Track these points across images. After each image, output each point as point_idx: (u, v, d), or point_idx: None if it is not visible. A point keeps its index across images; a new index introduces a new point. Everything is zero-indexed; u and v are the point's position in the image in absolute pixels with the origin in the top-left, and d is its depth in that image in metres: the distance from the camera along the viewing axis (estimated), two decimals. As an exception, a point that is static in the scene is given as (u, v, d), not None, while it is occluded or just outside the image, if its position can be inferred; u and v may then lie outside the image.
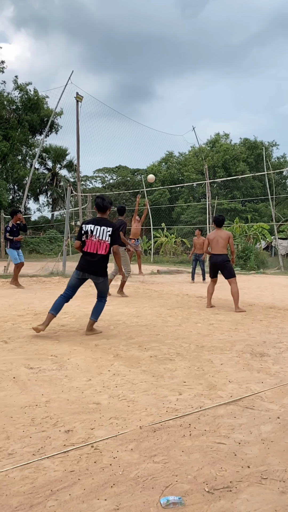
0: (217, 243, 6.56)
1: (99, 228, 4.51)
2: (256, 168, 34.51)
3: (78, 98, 14.13)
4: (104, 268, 4.54)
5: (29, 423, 2.30)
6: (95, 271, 4.49)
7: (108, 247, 4.50)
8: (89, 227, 4.54)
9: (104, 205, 4.65)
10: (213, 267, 6.71)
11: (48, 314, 4.51)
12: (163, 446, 2.06)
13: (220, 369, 3.38)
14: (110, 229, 4.53)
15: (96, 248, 4.48)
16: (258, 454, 2.01)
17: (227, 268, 6.55)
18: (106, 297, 4.76)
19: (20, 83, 27.75)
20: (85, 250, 4.53)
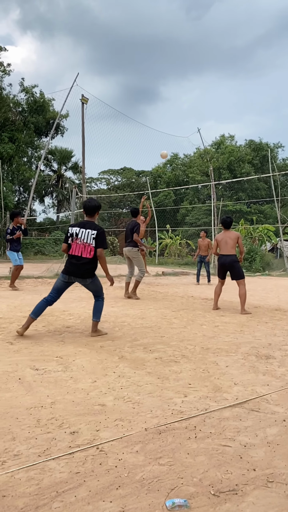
0: (226, 244, 6.51)
1: (84, 231, 4.48)
2: (262, 169, 34.43)
3: (83, 100, 14.17)
4: (90, 270, 4.48)
5: (34, 424, 2.31)
6: (81, 274, 4.44)
7: (93, 250, 4.44)
8: (75, 230, 4.52)
9: (91, 208, 4.61)
10: (222, 268, 6.66)
11: (28, 317, 4.48)
12: (169, 449, 2.06)
13: (226, 371, 3.37)
14: (95, 232, 4.46)
15: (81, 251, 4.44)
16: (264, 457, 2.00)
17: (236, 268, 6.50)
18: (102, 295, 4.73)
19: (26, 86, 27.93)
20: (70, 253, 4.51)
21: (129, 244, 7.74)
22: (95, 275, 4.59)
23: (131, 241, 7.70)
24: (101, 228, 4.56)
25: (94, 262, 4.52)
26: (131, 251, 7.72)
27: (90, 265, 4.47)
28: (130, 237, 7.73)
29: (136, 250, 7.67)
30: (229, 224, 6.68)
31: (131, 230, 7.73)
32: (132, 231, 7.70)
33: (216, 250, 6.76)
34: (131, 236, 7.72)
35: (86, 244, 4.45)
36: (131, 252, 7.73)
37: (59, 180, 35.25)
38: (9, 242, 8.85)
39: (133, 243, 7.68)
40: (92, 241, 4.44)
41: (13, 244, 8.86)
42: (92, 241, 4.44)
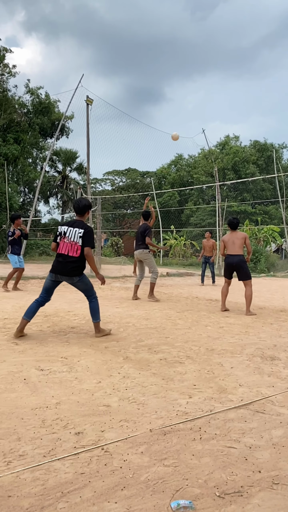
0: (233, 244, 6.47)
1: (72, 230, 4.46)
2: (267, 170, 34.34)
3: (88, 101, 14.20)
4: (76, 268, 4.43)
5: (39, 424, 2.31)
6: (67, 272, 4.41)
7: (79, 249, 4.41)
8: (63, 229, 4.52)
9: (80, 207, 4.59)
10: (229, 268, 6.61)
11: (22, 319, 4.47)
12: (174, 450, 2.06)
13: (231, 372, 3.36)
14: (82, 230, 4.43)
15: (68, 249, 4.42)
16: (269, 459, 1.99)
17: (244, 268, 6.45)
18: (94, 294, 4.68)
19: (31, 87, 28.04)
20: (58, 252, 4.50)
21: (140, 247, 7.70)
22: (83, 274, 4.54)
23: (142, 243, 7.67)
24: (89, 227, 4.52)
25: (81, 261, 4.47)
26: (142, 253, 7.68)
27: (76, 263, 4.42)
28: (141, 240, 7.68)
29: (147, 251, 7.63)
30: (235, 225, 6.64)
31: (142, 233, 7.69)
32: (144, 234, 7.66)
33: (223, 252, 6.71)
34: (142, 239, 7.67)
35: (73, 242, 4.42)
36: (142, 254, 7.68)
37: (64, 181, 35.33)
38: (11, 245, 8.86)
39: (144, 245, 7.64)
40: (79, 239, 4.41)
41: (14, 247, 8.86)
42: (79, 240, 4.41)
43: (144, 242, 7.65)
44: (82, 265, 4.51)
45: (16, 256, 8.87)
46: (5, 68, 26.85)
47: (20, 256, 9.06)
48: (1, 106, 25.92)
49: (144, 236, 7.65)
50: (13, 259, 8.85)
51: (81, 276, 4.52)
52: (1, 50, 26.84)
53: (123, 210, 39.21)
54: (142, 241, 7.68)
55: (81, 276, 4.52)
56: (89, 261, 4.50)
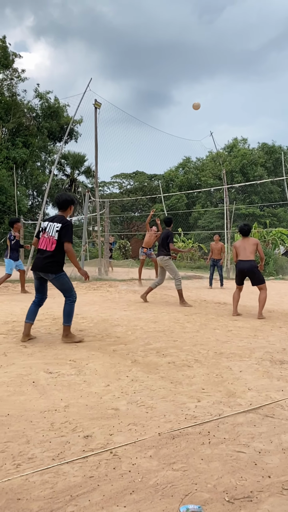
0: (244, 250, 6.42)
1: (51, 225, 4.41)
2: (275, 172, 34.18)
3: (96, 105, 14.26)
4: (51, 264, 4.32)
5: (48, 427, 2.32)
6: (42, 268, 4.33)
7: (55, 243, 4.32)
8: (44, 224, 4.48)
9: (61, 202, 4.53)
10: (240, 274, 6.54)
11: (25, 323, 4.47)
12: (182, 454, 2.05)
13: (239, 376, 3.34)
14: (59, 225, 4.34)
15: (46, 244, 4.37)
16: (279, 464, 1.97)
17: (256, 274, 6.38)
18: (71, 297, 4.49)
19: (40, 92, 28.28)
20: (38, 247, 4.46)
21: (161, 253, 7.66)
22: (60, 272, 4.40)
23: (163, 250, 7.62)
24: (67, 221, 4.43)
25: (56, 256, 4.34)
26: (162, 259, 7.63)
27: (51, 258, 4.32)
28: (162, 246, 7.63)
29: (168, 258, 7.58)
30: (246, 232, 6.56)
31: (164, 239, 7.63)
32: (166, 240, 7.60)
33: (236, 258, 6.61)
34: (164, 244, 7.61)
35: (51, 237, 4.36)
36: (163, 261, 7.63)
37: (72, 184, 35.51)
38: (11, 249, 8.89)
39: (164, 252, 7.59)
40: (55, 234, 4.34)
41: (13, 253, 8.90)
42: (55, 234, 4.34)
43: (165, 249, 7.59)
44: (58, 261, 4.37)
45: (13, 261, 8.90)
46: (14, 72, 27.11)
47: (19, 261, 9.12)
48: (10, 110, 26.17)
49: (165, 243, 7.58)
50: (10, 264, 8.87)
51: (57, 274, 4.36)
52: (10, 55, 27.11)
53: (130, 213, 39.27)
54: (163, 248, 7.63)
55: (57, 274, 4.36)
56: (69, 256, 4.40)
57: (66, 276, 4.48)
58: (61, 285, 4.43)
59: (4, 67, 26.73)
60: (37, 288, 4.56)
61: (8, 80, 27.32)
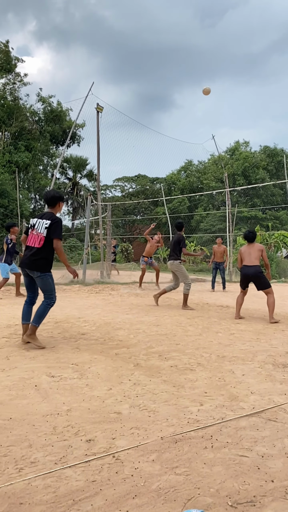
0: (249, 255, 6.41)
1: (40, 222, 4.37)
2: (277, 175, 34.18)
3: (98, 109, 14.33)
4: (37, 261, 4.28)
5: (51, 431, 2.32)
6: (28, 264, 4.29)
7: (43, 240, 4.28)
8: (33, 221, 4.45)
9: (49, 198, 4.49)
10: (245, 279, 6.52)
11: (22, 325, 4.48)
12: (185, 458, 2.04)
13: (242, 380, 3.33)
14: (48, 222, 4.30)
15: (34, 241, 4.34)
16: (282, 468, 1.96)
17: (261, 279, 6.36)
18: (50, 299, 4.42)
19: (43, 96, 28.42)
20: (26, 244, 4.44)
21: (171, 258, 7.66)
22: (47, 273, 4.35)
23: (173, 254, 7.61)
24: (56, 218, 4.38)
25: (43, 253, 4.31)
26: (173, 264, 7.63)
27: (38, 255, 4.28)
28: (173, 251, 7.61)
29: (178, 263, 7.57)
30: (251, 238, 6.56)
31: (175, 244, 7.60)
32: (178, 244, 7.57)
33: (240, 264, 6.60)
34: (175, 249, 7.58)
35: (40, 234, 4.32)
36: (173, 265, 7.62)
37: (74, 187, 35.63)
38: (7, 253, 8.90)
39: (175, 257, 7.58)
40: (44, 230, 4.30)
41: (8, 257, 8.92)
42: (44, 231, 4.30)
43: (176, 253, 7.58)
44: (45, 258, 4.33)
45: (8, 265, 8.92)
46: (16, 77, 27.25)
47: (13, 264, 9.13)
48: (12, 114, 26.28)
49: (177, 247, 7.56)
50: (5, 268, 8.88)
51: (43, 273, 4.31)
52: (13, 59, 27.26)
53: (133, 216, 39.31)
54: (174, 252, 7.61)
55: (43, 273, 4.31)
56: (58, 253, 4.36)
57: (51, 278, 4.43)
58: (43, 285, 4.38)
59: (7, 71, 26.89)
60: (27, 286, 4.53)
61: (10, 84, 27.47)
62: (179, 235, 7.70)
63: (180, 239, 7.60)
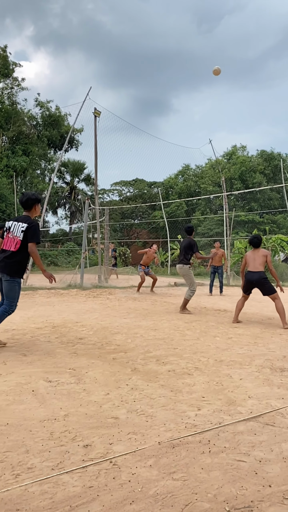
0: (254, 261, 6.38)
1: (16, 224, 4.30)
2: (274, 179, 34.28)
3: (96, 114, 14.37)
4: (10, 264, 4.22)
5: (48, 437, 2.31)
6: (2, 267, 4.22)
7: (18, 244, 4.22)
8: (9, 224, 4.38)
9: (25, 201, 4.40)
10: (248, 284, 6.47)
11: None
12: (182, 463, 2.04)
13: (240, 384, 3.33)
14: (25, 225, 4.23)
15: (10, 245, 4.28)
16: (280, 473, 1.96)
17: (265, 285, 6.32)
18: (10, 306, 4.31)
19: (41, 100, 28.49)
20: (2, 247, 4.35)
21: (181, 262, 7.59)
22: (16, 278, 4.27)
23: (183, 258, 7.55)
24: (33, 221, 4.32)
25: (18, 257, 4.24)
26: (182, 268, 7.57)
27: (11, 258, 4.22)
28: (183, 255, 7.54)
29: (187, 267, 7.51)
30: (256, 244, 6.53)
31: (186, 248, 7.51)
32: (189, 248, 7.47)
33: (243, 268, 6.60)
34: (186, 253, 7.50)
35: (15, 237, 4.26)
36: (182, 269, 7.56)
37: (72, 192, 35.65)
38: None
39: (184, 261, 7.52)
40: (20, 234, 4.24)
41: None
42: (20, 234, 4.24)
43: (186, 258, 7.51)
44: (19, 262, 4.26)
45: None
46: (14, 81, 27.32)
47: None
48: (10, 119, 26.33)
49: (188, 251, 7.48)
50: None
51: (12, 278, 4.23)
52: (11, 64, 27.35)
53: (130, 220, 39.34)
54: (183, 257, 7.54)
55: (12, 278, 4.23)
56: (33, 257, 4.29)
57: (19, 286, 4.36)
58: (8, 290, 4.29)
59: (5, 76, 26.95)
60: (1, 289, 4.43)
61: (8, 89, 27.54)
62: (190, 239, 7.60)
63: (191, 244, 7.49)
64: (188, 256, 7.52)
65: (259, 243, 6.57)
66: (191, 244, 7.50)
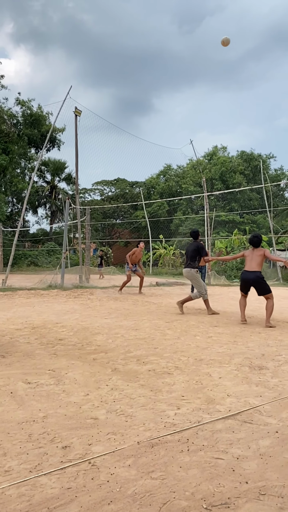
0: (251, 260, 6.39)
1: None
2: (254, 180, 34.76)
3: (76, 113, 14.27)
4: None
5: (26, 439, 2.29)
6: None
7: None
8: None
9: None
10: (244, 283, 6.49)
11: None
12: (161, 462, 2.05)
13: (219, 382, 3.37)
14: None
15: None
16: (257, 470, 1.99)
17: (261, 284, 6.33)
18: None
19: (22, 99, 28.11)
20: None
21: (188, 266, 7.56)
22: None
23: (190, 262, 7.52)
24: None
25: None
26: (189, 272, 7.54)
27: None
28: (190, 259, 7.51)
29: (195, 271, 7.48)
30: (256, 243, 6.49)
31: (194, 252, 7.47)
32: (196, 252, 7.43)
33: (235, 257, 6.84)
34: (193, 257, 7.47)
35: None
36: (189, 273, 7.53)
37: (53, 191, 35.32)
38: None
39: (192, 265, 7.48)
40: None
41: None
42: None
43: (193, 262, 7.48)
44: None
45: None
46: (-7, 79, 26.85)
47: None
48: (-11, 117, 25.89)
49: (195, 255, 7.45)
50: None
51: None
52: (-11, 61, 26.90)
53: (112, 220, 39.25)
54: (191, 260, 7.51)
55: None
56: None
57: None
58: None
59: (-17, 73, 26.46)
60: None
61: (-13, 86, 27.03)
62: (197, 243, 7.57)
63: (199, 247, 7.46)
64: (195, 260, 7.49)
65: (259, 242, 6.52)
66: (198, 248, 7.47)
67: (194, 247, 7.56)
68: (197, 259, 7.51)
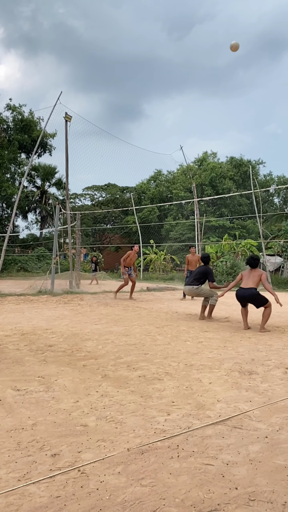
0: (248, 278, 6.48)
1: None
2: (243, 185, 35.04)
3: (67, 118, 14.28)
4: None
5: (14, 447, 2.26)
6: None
7: None
8: None
9: None
10: (240, 300, 6.56)
11: None
12: (151, 469, 2.04)
13: (209, 388, 3.37)
14: None
15: None
16: (246, 475, 2.00)
17: (258, 299, 6.40)
18: None
19: (13, 105, 28.08)
20: None
21: (191, 283, 7.76)
22: None
23: (194, 281, 7.68)
24: None
25: None
26: (191, 289, 7.72)
27: None
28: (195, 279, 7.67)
29: (196, 287, 7.63)
30: (253, 264, 6.60)
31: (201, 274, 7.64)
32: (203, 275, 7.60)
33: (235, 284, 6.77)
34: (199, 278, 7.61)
35: None
36: (192, 290, 7.72)
37: (43, 196, 35.15)
38: None
39: (195, 283, 7.63)
40: None
41: None
42: None
43: (196, 281, 7.63)
44: None
45: None
46: (-17, 84, 26.76)
47: None
48: (-21, 122, 25.79)
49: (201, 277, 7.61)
50: None
51: None
52: (-21, 66, 26.81)
53: (103, 225, 39.19)
54: (196, 280, 7.65)
55: None
56: None
57: None
58: None
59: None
60: None
61: (-23, 91, 26.94)
62: (207, 268, 7.76)
63: (207, 272, 7.64)
64: (199, 281, 7.66)
65: (256, 265, 6.66)
66: (207, 272, 7.66)
67: (203, 270, 7.75)
68: (202, 281, 7.67)
